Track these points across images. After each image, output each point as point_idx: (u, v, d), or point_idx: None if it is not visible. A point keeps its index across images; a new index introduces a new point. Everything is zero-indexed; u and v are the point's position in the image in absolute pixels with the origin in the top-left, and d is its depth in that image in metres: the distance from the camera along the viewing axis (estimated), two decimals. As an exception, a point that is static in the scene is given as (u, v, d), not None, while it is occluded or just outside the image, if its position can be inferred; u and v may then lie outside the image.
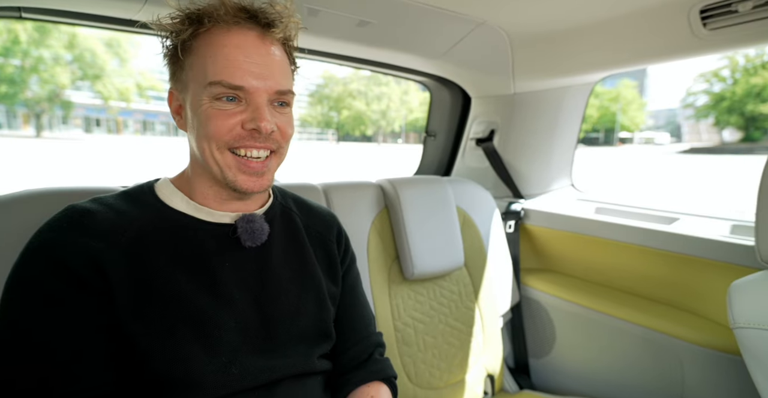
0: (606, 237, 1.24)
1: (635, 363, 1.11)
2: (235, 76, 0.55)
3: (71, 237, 0.53)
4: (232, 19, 0.56)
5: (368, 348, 0.74)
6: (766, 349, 0.56)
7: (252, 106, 0.57)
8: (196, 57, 0.57)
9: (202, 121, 0.57)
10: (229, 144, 0.57)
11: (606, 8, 0.98)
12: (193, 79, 0.57)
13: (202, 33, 0.57)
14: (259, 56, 0.57)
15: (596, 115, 41.02)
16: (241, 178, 0.58)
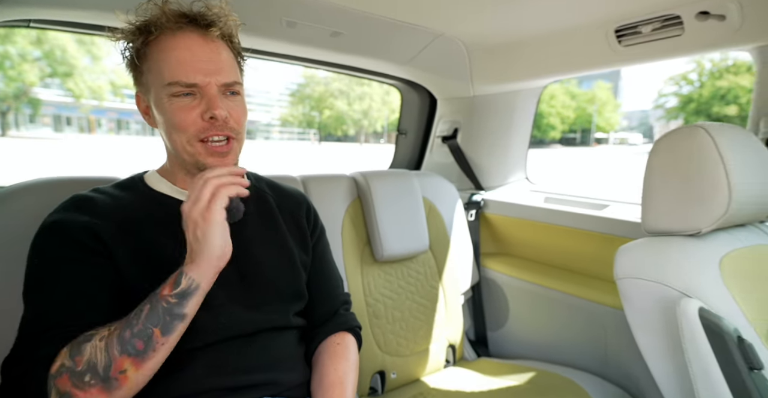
0: (551, 223, 1.41)
1: (571, 328, 1.29)
2: (188, 75, 0.64)
3: (75, 217, 0.65)
4: (175, 25, 0.65)
5: (335, 306, 0.86)
6: (635, 293, 0.73)
7: (206, 98, 0.65)
8: (152, 62, 0.66)
9: (167, 118, 0.66)
10: (197, 136, 0.66)
11: (546, 24, 1.15)
12: (153, 81, 0.66)
13: (152, 40, 0.65)
14: (204, 54, 0.66)
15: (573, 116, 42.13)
16: (210, 160, 0.68)
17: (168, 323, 0.57)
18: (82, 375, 0.54)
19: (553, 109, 39.60)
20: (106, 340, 0.55)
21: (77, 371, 0.54)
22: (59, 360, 0.56)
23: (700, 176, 0.72)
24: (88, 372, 0.54)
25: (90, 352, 0.55)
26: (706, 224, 0.72)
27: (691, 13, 0.93)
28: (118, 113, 35.03)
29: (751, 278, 0.71)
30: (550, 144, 40.85)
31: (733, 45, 0.94)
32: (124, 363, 0.54)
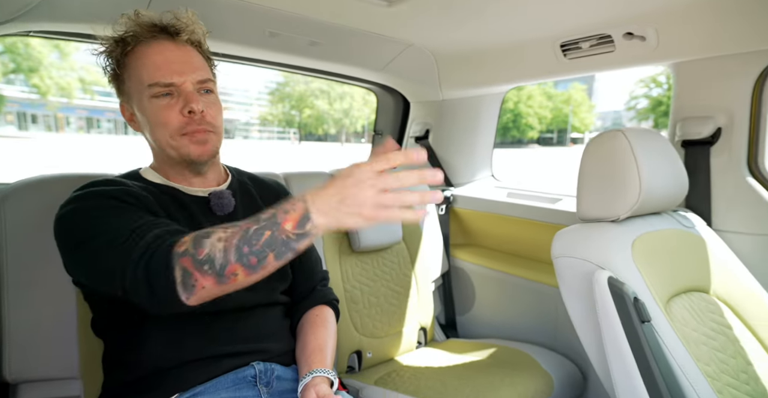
0: (513, 215, 1.56)
1: (529, 309, 1.44)
2: (165, 76, 0.72)
3: (101, 188, 0.73)
4: (149, 35, 0.74)
5: (314, 282, 0.98)
6: (566, 269, 0.87)
7: (183, 96, 0.74)
8: (131, 70, 0.74)
9: (151, 117, 0.74)
10: (179, 131, 0.74)
11: (504, 37, 1.30)
12: (134, 87, 0.74)
13: (129, 51, 0.74)
14: (177, 57, 0.74)
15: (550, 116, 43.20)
16: (192, 148, 0.76)
17: (283, 252, 0.59)
18: (203, 264, 0.58)
19: (531, 110, 40.51)
20: (224, 243, 0.58)
21: (198, 259, 0.58)
22: (184, 245, 0.60)
23: (619, 173, 0.87)
24: (207, 262, 0.58)
25: (210, 247, 0.58)
26: (623, 212, 0.88)
27: (620, 34, 1.08)
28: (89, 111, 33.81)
29: (655, 254, 0.87)
30: (528, 144, 41.75)
31: (653, 61, 1.10)
32: (238, 269, 0.58)
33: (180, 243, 0.60)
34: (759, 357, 0.84)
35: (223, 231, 0.60)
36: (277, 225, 0.58)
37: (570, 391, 1.19)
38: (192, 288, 0.59)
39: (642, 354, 0.73)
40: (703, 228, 1.02)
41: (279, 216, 0.59)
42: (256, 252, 0.58)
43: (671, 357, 0.74)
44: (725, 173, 1.06)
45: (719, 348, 0.82)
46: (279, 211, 0.59)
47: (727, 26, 0.97)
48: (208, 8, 1.03)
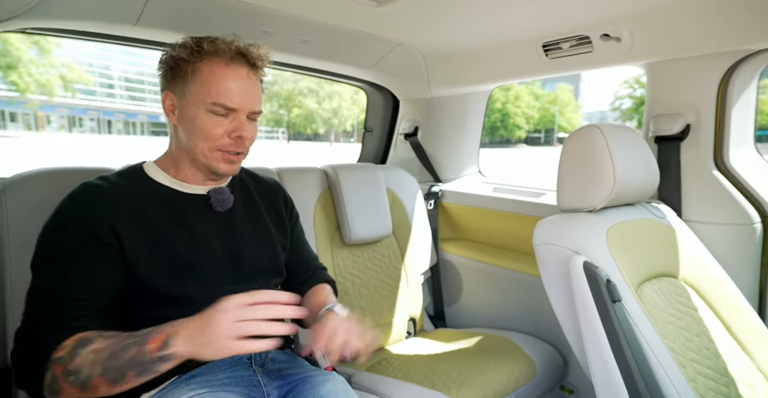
0: (499, 209, 1.62)
1: (514, 299, 1.51)
2: (232, 101, 0.79)
3: (88, 206, 0.76)
4: (231, 58, 0.80)
5: (312, 270, 1.04)
6: (546, 256, 0.93)
7: (237, 120, 0.81)
8: (200, 77, 0.78)
9: (199, 127, 0.79)
10: (219, 147, 0.81)
11: (489, 38, 1.35)
12: (196, 93, 0.79)
13: (207, 61, 0.79)
14: (245, 87, 0.81)
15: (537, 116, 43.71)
16: (222, 165, 0.83)
17: (144, 371, 0.63)
18: (69, 375, 0.63)
19: (518, 110, 40.93)
20: (95, 356, 0.63)
21: (68, 369, 0.63)
22: (63, 350, 0.64)
23: (594, 166, 0.93)
24: (74, 374, 0.63)
25: (81, 360, 0.63)
26: (599, 202, 0.94)
27: (597, 35, 1.15)
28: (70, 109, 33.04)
29: (628, 242, 0.93)
30: (516, 143, 42.19)
31: (628, 61, 1.17)
32: (100, 383, 0.63)
33: (61, 347, 0.65)
34: (720, 336, 0.91)
35: (102, 342, 0.65)
36: (143, 345, 0.63)
37: (551, 374, 1.25)
38: (58, 393, 0.65)
39: (613, 332, 0.79)
40: (674, 218, 1.09)
41: (148, 337, 0.63)
42: (119, 368, 0.62)
43: (640, 334, 0.80)
44: (694, 167, 1.13)
45: (685, 328, 0.88)
46: (152, 332, 0.64)
47: (694, 29, 1.03)
48: (201, 6, 1.06)
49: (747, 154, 1.14)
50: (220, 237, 0.87)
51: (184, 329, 0.63)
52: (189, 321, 0.64)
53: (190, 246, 0.82)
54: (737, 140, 1.11)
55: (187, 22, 1.08)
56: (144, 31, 1.08)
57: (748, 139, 1.14)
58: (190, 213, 0.85)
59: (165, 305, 0.77)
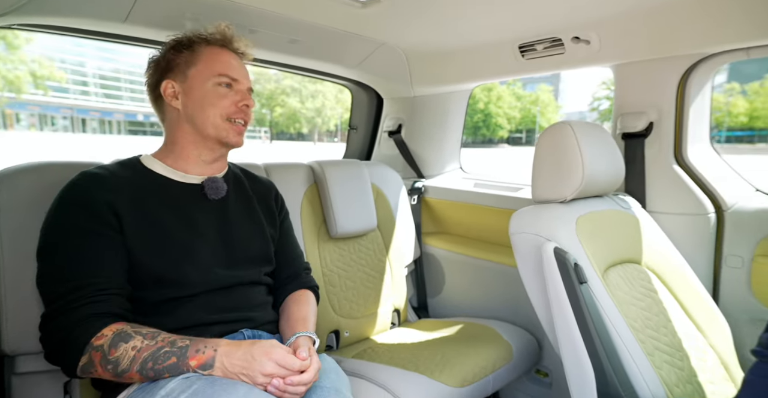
0: (480, 204, 1.69)
1: (493, 289, 1.58)
2: (234, 72, 0.91)
3: (92, 191, 0.80)
4: (223, 44, 0.94)
5: (298, 270, 1.07)
6: (521, 243, 0.99)
7: (241, 92, 0.92)
8: (202, 59, 0.90)
9: (209, 98, 0.88)
10: (228, 115, 0.90)
11: (469, 39, 1.41)
12: (201, 71, 0.89)
13: (207, 45, 0.92)
14: (240, 67, 0.94)
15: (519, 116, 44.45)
16: (232, 136, 0.91)
17: (178, 374, 0.71)
18: (108, 363, 0.70)
19: (500, 110, 41.54)
20: (135, 353, 0.70)
21: (107, 358, 0.70)
22: (102, 339, 0.71)
23: (565, 160, 1.00)
24: (112, 364, 0.70)
25: (122, 352, 0.70)
26: (569, 194, 1.01)
27: (568, 37, 1.22)
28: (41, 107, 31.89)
29: (596, 231, 1.00)
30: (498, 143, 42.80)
31: (597, 62, 1.25)
32: (135, 376, 0.71)
33: (100, 335, 0.71)
34: (677, 316, 0.99)
35: (141, 341, 0.71)
36: (184, 357, 0.71)
37: (527, 357, 1.32)
38: (88, 373, 0.72)
39: (580, 312, 0.86)
40: (638, 209, 1.17)
41: (189, 352, 0.71)
42: (157, 370, 0.70)
43: (604, 314, 0.87)
44: (656, 162, 1.22)
45: (645, 308, 0.96)
46: (192, 347, 0.72)
47: (655, 34, 1.12)
48: (189, 5, 1.09)
49: (703, 150, 1.23)
50: (213, 225, 0.91)
51: (226, 358, 0.72)
52: (231, 348, 0.73)
53: (185, 232, 0.86)
54: (695, 137, 1.21)
55: (175, 20, 1.11)
56: (133, 29, 1.11)
57: (705, 136, 1.24)
58: (186, 201, 0.89)
59: (162, 286, 0.82)
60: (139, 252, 0.80)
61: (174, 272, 0.83)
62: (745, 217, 1.13)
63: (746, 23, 0.97)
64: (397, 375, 1.11)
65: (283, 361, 0.72)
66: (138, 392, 0.73)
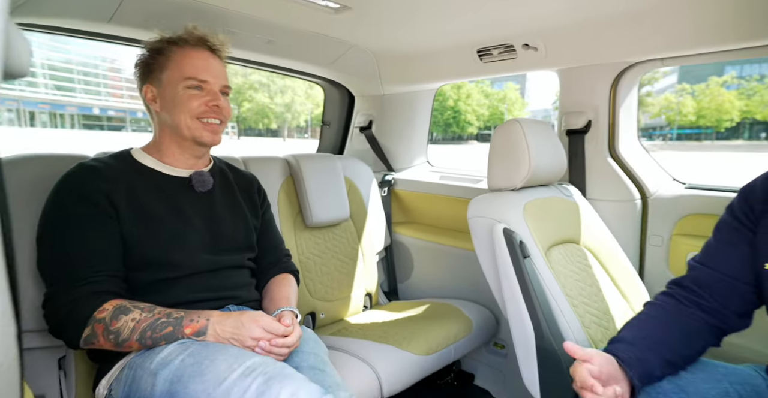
0: (444, 194, 1.83)
1: (457, 271, 1.73)
2: (201, 75, 0.94)
3: (88, 181, 0.87)
4: (195, 43, 0.96)
5: (279, 256, 1.17)
6: (477, 226, 1.14)
7: (211, 92, 0.96)
8: (173, 63, 0.94)
9: (180, 101, 0.93)
10: (198, 115, 0.94)
11: (433, 42, 1.54)
12: (172, 76, 0.93)
13: (176, 48, 0.95)
14: (211, 65, 0.97)
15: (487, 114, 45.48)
16: (205, 134, 0.96)
17: (175, 342, 0.81)
18: (110, 334, 0.79)
19: (469, 107, 42.37)
20: (135, 324, 0.79)
21: (109, 329, 0.79)
22: (104, 313, 0.79)
23: (515, 153, 1.15)
24: (112, 334, 0.79)
25: (122, 324, 0.79)
26: (518, 183, 1.16)
27: (519, 44, 1.38)
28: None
29: (541, 215, 1.16)
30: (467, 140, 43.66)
31: (544, 67, 1.41)
32: (134, 345, 0.80)
33: (102, 309, 0.80)
34: (607, 286, 1.17)
35: (140, 314, 0.81)
36: (180, 326, 0.81)
37: (485, 331, 1.48)
38: (90, 344, 0.81)
39: (524, 282, 1.01)
40: (579, 196, 1.35)
41: (184, 322, 0.82)
42: (155, 338, 0.80)
43: (544, 284, 1.03)
44: (594, 155, 1.40)
45: (580, 280, 1.13)
46: (186, 318, 0.82)
47: (590, 43, 1.29)
48: (171, 8, 1.16)
49: (632, 145, 1.42)
50: (200, 214, 1.00)
51: (218, 325, 0.82)
52: (222, 318, 0.83)
53: (174, 220, 0.95)
54: (625, 133, 1.39)
55: (158, 21, 1.17)
56: (118, 29, 1.16)
57: (633, 133, 1.43)
58: (175, 192, 0.97)
59: (153, 268, 0.91)
60: (133, 237, 0.89)
61: (164, 256, 0.91)
62: (665, 203, 1.33)
63: (659, 39, 1.15)
64: (369, 347, 1.24)
65: (269, 327, 0.83)
66: (137, 357, 0.82)
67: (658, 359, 0.76)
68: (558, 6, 1.14)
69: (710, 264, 0.82)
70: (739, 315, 0.80)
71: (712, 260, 0.82)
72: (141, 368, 0.79)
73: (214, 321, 0.82)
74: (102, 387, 0.86)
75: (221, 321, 0.82)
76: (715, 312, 0.80)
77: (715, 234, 0.84)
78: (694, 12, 1.07)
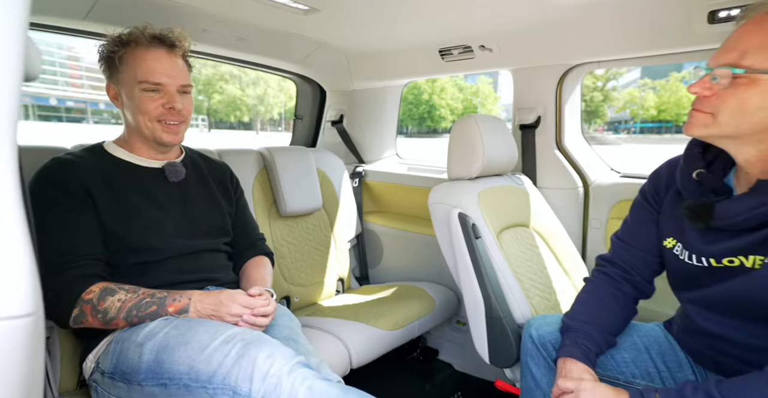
0: (412, 185, 1.95)
1: (423, 257, 1.86)
2: (156, 77, 0.96)
3: (66, 174, 0.93)
4: (149, 43, 0.97)
5: (254, 240, 1.25)
6: (437, 212, 1.26)
7: (168, 94, 0.98)
8: (127, 65, 0.96)
9: (137, 104, 0.96)
10: (157, 118, 0.98)
11: (399, 43, 1.64)
12: (128, 78, 0.96)
13: (130, 50, 0.96)
14: (168, 65, 0.98)
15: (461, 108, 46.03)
16: (165, 135, 1.00)
17: (158, 319, 0.88)
18: (97, 313, 0.86)
19: (444, 101, 42.76)
20: (121, 304, 0.87)
21: (97, 308, 0.86)
22: (92, 294, 0.86)
23: (470, 145, 1.27)
24: (101, 313, 0.86)
25: (109, 304, 0.86)
26: (473, 173, 1.29)
27: (476, 45, 1.50)
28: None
29: (494, 202, 1.29)
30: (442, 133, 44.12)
31: (499, 66, 1.54)
32: (121, 323, 0.88)
33: (89, 291, 0.86)
34: (551, 265, 1.32)
35: (125, 294, 0.88)
36: (163, 305, 0.89)
37: (447, 308, 1.62)
38: (80, 323, 0.88)
39: (476, 260, 1.14)
40: (530, 185, 1.49)
41: (167, 301, 0.89)
42: (140, 316, 0.88)
43: (494, 262, 1.16)
44: (544, 148, 1.55)
45: (528, 259, 1.27)
46: (169, 297, 0.90)
47: (537, 46, 1.42)
48: (148, 7, 1.21)
49: (576, 138, 1.58)
50: (175, 202, 1.07)
51: (199, 303, 0.90)
52: (203, 296, 0.91)
53: (150, 208, 1.02)
54: (570, 128, 1.55)
55: (132, 19, 1.22)
56: (92, 25, 1.20)
57: (577, 127, 1.58)
58: (149, 182, 1.04)
59: (133, 253, 0.98)
60: (112, 224, 0.95)
61: (143, 241, 0.98)
62: (603, 190, 1.49)
63: (594, 45, 1.30)
64: (341, 324, 1.35)
65: (246, 302, 0.92)
66: (123, 333, 0.90)
67: (605, 338, 0.90)
68: (509, 12, 1.26)
69: (627, 239, 0.97)
70: (649, 282, 0.96)
71: (628, 236, 0.97)
72: (128, 341, 0.87)
73: (195, 299, 0.91)
74: (89, 362, 0.93)
75: (202, 300, 0.91)
76: (636, 282, 0.95)
77: (631, 213, 0.98)
78: (620, 24, 1.22)
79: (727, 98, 0.68)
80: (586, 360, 0.85)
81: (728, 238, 0.76)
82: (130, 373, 0.84)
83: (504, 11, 1.25)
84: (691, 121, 0.74)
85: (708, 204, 0.76)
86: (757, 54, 0.65)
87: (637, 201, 0.97)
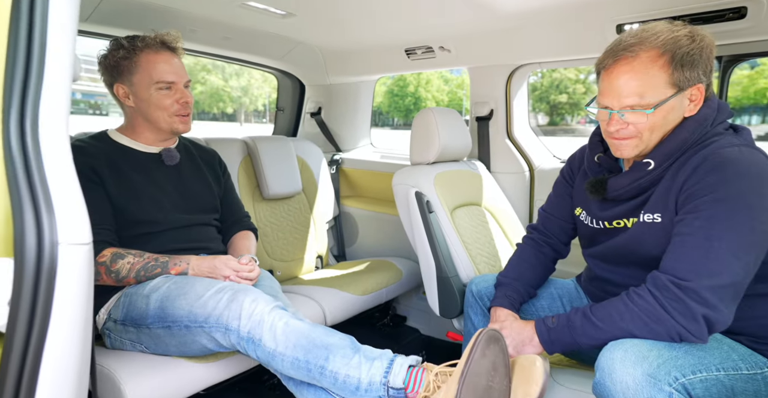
0: (384, 171, 2.15)
1: (394, 234, 2.06)
2: (168, 77, 1.16)
3: (76, 157, 1.09)
4: (158, 47, 1.18)
5: (240, 216, 1.44)
6: (399, 193, 1.47)
7: (179, 90, 1.19)
8: (140, 67, 1.14)
9: (155, 102, 1.15)
10: (175, 112, 1.18)
11: (369, 42, 1.82)
12: (143, 80, 1.14)
13: (143, 54, 1.15)
14: (174, 65, 1.19)
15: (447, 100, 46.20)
16: (181, 126, 1.20)
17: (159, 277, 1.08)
18: (111, 272, 1.04)
19: (429, 93, 42.86)
20: (130, 266, 1.06)
21: (111, 269, 1.04)
22: (105, 257, 1.04)
23: (428, 134, 1.47)
24: (113, 273, 1.04)
25: (120, 265, 1.05)
26: (431, 158, 1.49)
27: (437, 46, 1.69)
28: None
29: (449, 183, 1.50)
30: (427, 125, 44.23)
31: (457, 65, 1.74)
32: (132, 281, 1.06)
33: (101, 255, 1.06)
34: (499, 238, 1.54)
35: (133, 258, 1.08)
36: (167, 268, 1.09)
37: (412, 278, 1.84)
38: (96, 281, 1.05)
39: (430, 233, 1.35)
40: (483, 170, 1.70)
41: (170, 265, 1.09)
42: (148, 277, 1.08)
43: (446, 234, 1.38)
44: (496, 137, 1.76)
45: (478, 232, 1.49)
46: (171, 261, 1.10)
47: (488, 48, 1.63)
48: (141, 10, 1.37)
49: (524, 129, 1.80)
50: (172, 182, 1.25)
51: (197, 266, 1.11)
52: (200, 260, 1.11)
53: (150, 187, 1.20)
54: (518, 120, 1.76)
55: (130, 21, 1.37)
56: (93, 26, 1.35)
57: (525, 119, 1.80)
58: (149, 166, 1.22)
59: (137, 225, 1.16)
60: (118, 200, 1.13)
61: (145, 215, 1.17)
62: (546, 174, 1.72)
63: (534, 48, 1.51)
64: (317, 289, 1.55)
65: (236, 267, 1.12)
66: (131, 289, 1.08)
67: (527, 290, 1.11)
68: (460, 18, 1.46)
69: (550, 210, 1.19)
70: (566, 244, 1.18)
71: (551, 208, 1.19)
72: (135, 294, 1.06)
73: (194, 264, 1.10)
74: (102, 314, 1.12)
75: (199, 264, 1.10)
76: (554, 245, 1.17)
77: (554, 188, 1.20)
78: (554, 31, 1.44)
79: (646, 123, 0.85)
80: (511, 307, 1.07)
81: (616, 206, 0.98)
82: (139, 319, 1.03)
83: (456, 17, 1.45)
84: (620, 148, 0.90)
85: (603, 180, 0.98)
86: (652, 92, 0.83)
87: (558, 180, 1.19)
